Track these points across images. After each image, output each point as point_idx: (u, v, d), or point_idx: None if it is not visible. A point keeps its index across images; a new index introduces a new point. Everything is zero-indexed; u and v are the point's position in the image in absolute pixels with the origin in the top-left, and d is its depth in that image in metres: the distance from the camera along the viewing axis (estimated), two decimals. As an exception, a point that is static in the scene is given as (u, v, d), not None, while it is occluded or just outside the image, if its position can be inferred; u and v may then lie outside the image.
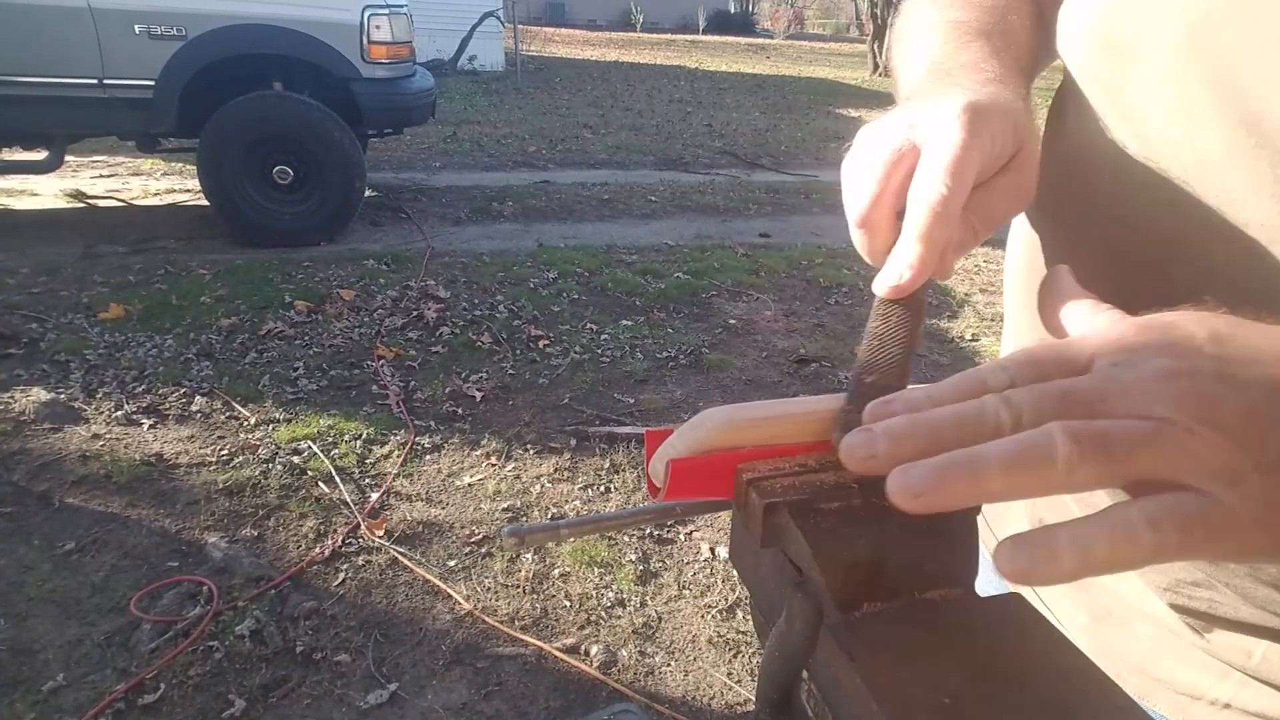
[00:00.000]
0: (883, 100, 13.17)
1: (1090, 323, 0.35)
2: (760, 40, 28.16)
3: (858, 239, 0.42)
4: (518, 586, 2.14)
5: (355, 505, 2.41)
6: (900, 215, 0.40)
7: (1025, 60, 0.53)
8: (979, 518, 0.75)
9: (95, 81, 4.21)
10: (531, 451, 2.77)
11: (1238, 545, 0.27)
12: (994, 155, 0.40)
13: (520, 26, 14.73)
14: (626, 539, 2.34)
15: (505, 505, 2.48)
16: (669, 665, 1.94)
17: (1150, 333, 0.30)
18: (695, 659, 1.96)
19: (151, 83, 4.28)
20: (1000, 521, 0.69)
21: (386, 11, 4.65)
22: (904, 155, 0.40)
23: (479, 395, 3.10)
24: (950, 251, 0.40)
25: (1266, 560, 0.28)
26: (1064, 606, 0.59)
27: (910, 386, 0.34)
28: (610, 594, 2.14)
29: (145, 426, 2.77)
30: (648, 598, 2.14)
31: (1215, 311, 0.31)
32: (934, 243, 0.38)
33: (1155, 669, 0.54)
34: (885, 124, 0.42)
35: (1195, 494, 0.27)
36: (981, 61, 0.48)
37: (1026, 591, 0.62)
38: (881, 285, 0.39)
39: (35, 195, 5.42)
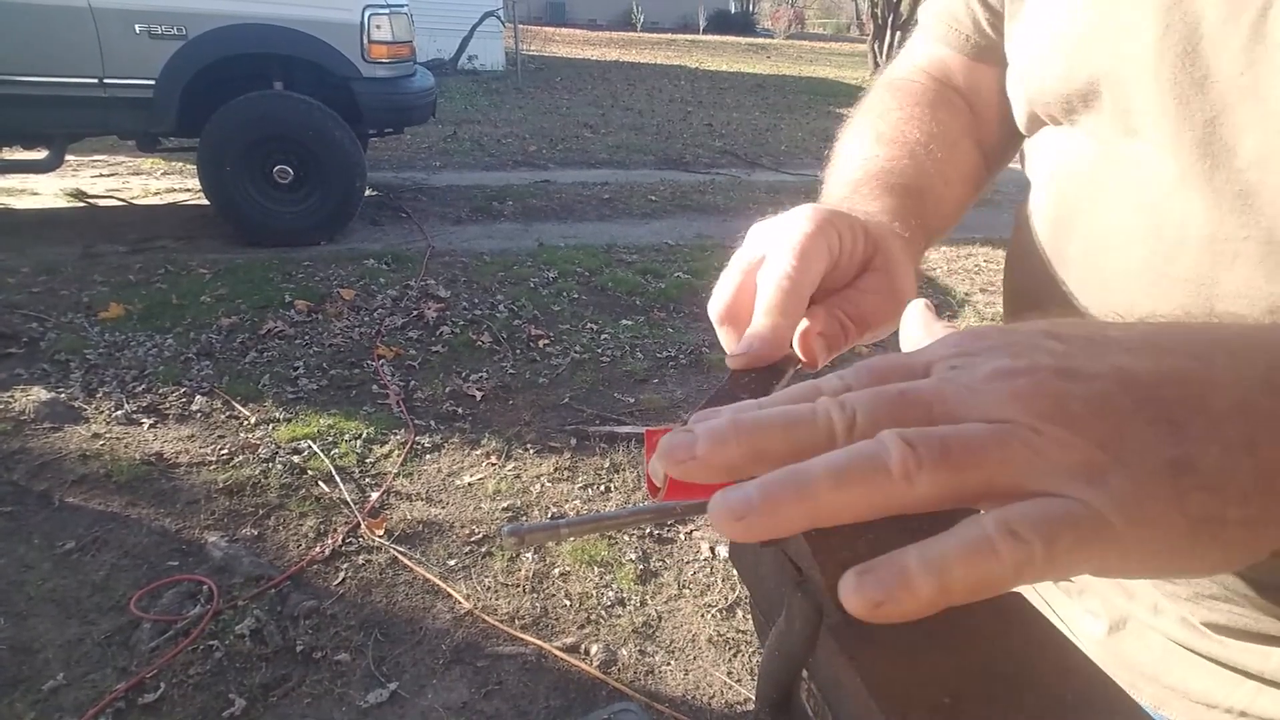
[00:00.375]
0: (883, 100, 13.13)
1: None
2: (760, 40, 28.16)
3: (723, 337, 0.43)
4: (518, 586, 2.15)
5: (355, 505, 2.42)
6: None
7: (928, 207, 0.56)
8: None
9: (96, 81, 4.21)
10: (531, 451, 2.77)
11: (1119, 555, 0.24)
12: (846, 250, 0.42)
13: (520, 26, 14.73)
14: (626, 539, 2.34)
15: (505, 505, 2.48)
16: (669, 664, 1.94)
17: (987, 337, 0.29)
18: (695, 658, 1.96)
19: (152, 82, 4.28)
20: None
21: (387, 11, 4.65)
22: (755, 262, 0.42)
23: (479, 395, 3.10)
24: (815, 341, 0.41)
25: (1157, 571, 0.26)
26: (1080, 618, 0.60)
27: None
28: (610, 593, 2.14)
29: (145, 426, 2.77)
30: (648, 597, 2.14)
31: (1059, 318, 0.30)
32: (783, 314, 0.39)
33: (1168, 678, 0.54)
34: (743, 244, 0.45)
35: (1055, 498, 0.24)
36: (860, 206, 0.52)
37: (1039, 601, 0.62)
38: (732, 360, 0.40)
39: (35, 195, 5.43)
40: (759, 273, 0.41)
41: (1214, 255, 0.42)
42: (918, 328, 0.36)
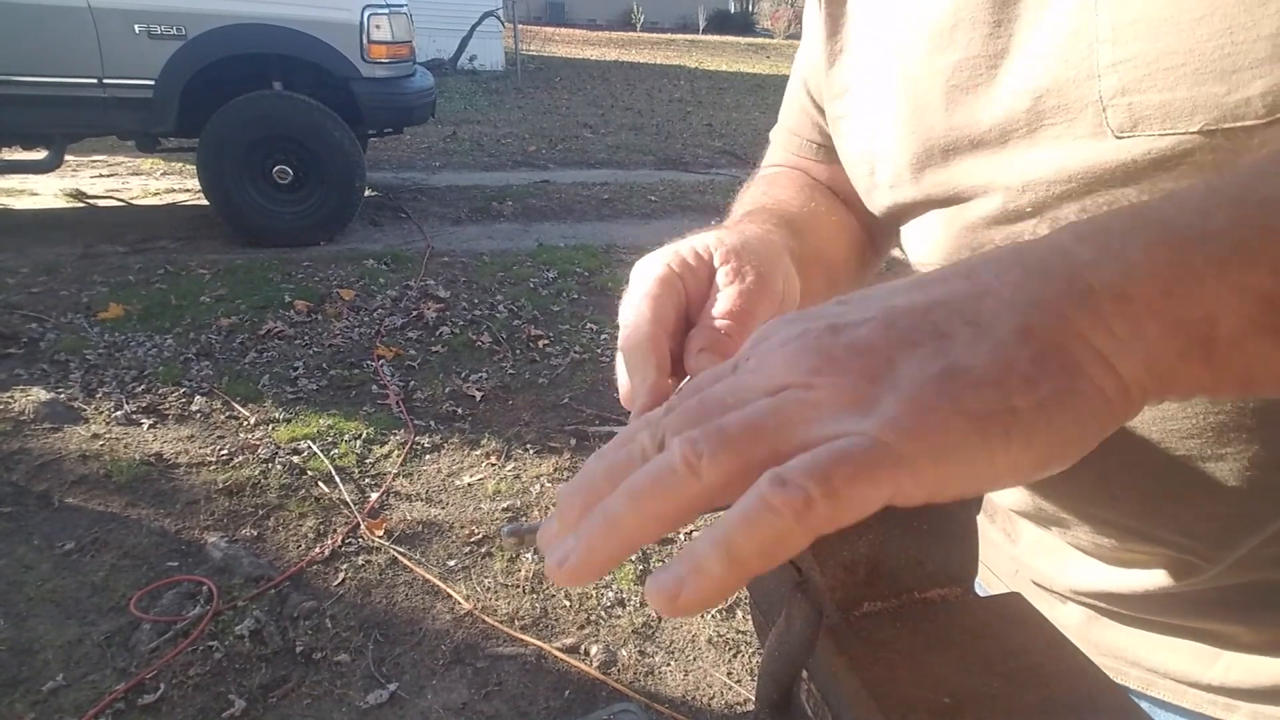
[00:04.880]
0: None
1: None
2: (760, 40, 28.14)
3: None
4: (518, 586, 2.14)
5: (355, 505, 2.41)
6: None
7: (808, 232, 0.58)
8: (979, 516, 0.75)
9: (95, 81, 4.21)
10: (531, 451, 2.77)
11: (910, 474, 0.23)
12: (693, 274, 0.44)
13: (520, 26, 14.72)
14: (626, 539, 2.34)
15: (505, 505, 2.48)
16: (669, 665, 1.94)
17: (783, 318, 0.29)
18: (695, 659, 1.96)
19: (151, 82, 4.28)
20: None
21: (386, 11, 4.65)
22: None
23: (479, 395, 3.10)
24: (701, 358, 0.41)
25: (969, 479, 0.24)
26: (1058, 608, 0.62)
27: None
28: (610, 594, 2.14)
29: (145, 426, 2.77)
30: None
31: None
32: (640, 367, 0.41)
33: (1150, 660, 0.57)
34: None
35: (831, 442, 0.23)
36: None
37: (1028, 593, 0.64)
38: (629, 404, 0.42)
39: (35, 195, 5.42)
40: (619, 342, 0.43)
41: None
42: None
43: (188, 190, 5.73)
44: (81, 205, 5.33)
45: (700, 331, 0.42)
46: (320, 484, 2.52)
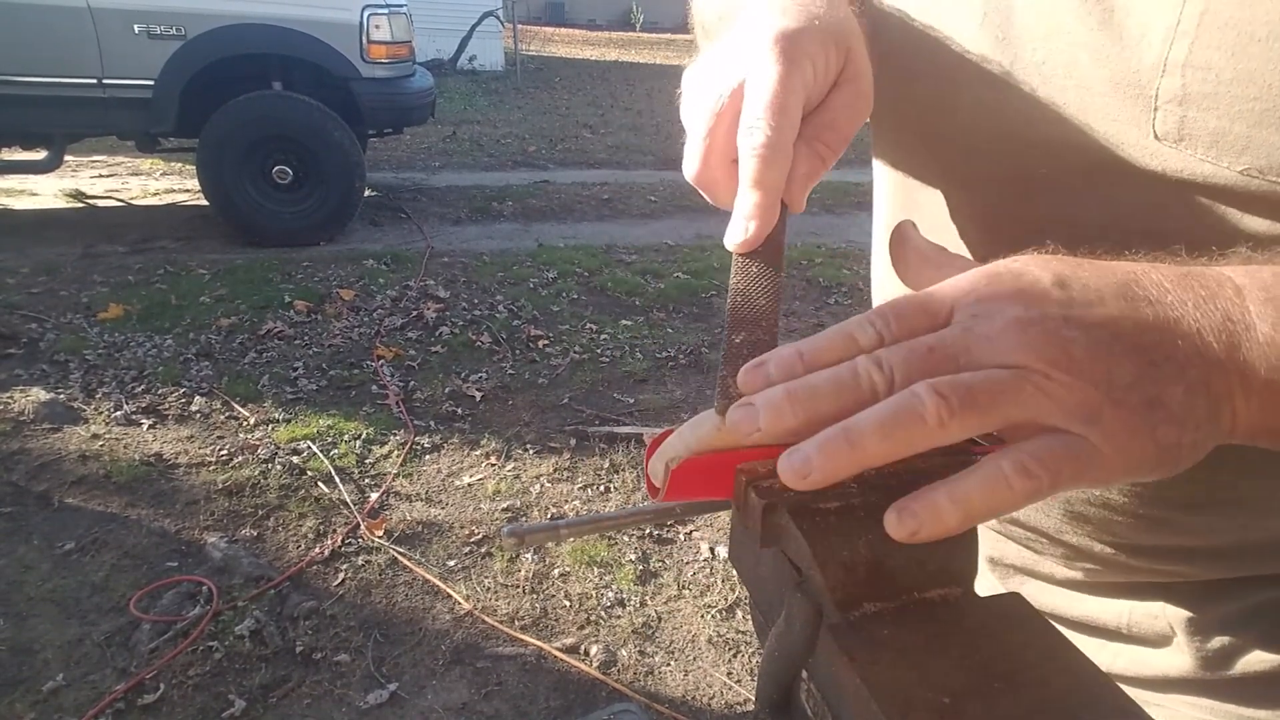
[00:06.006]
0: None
1: (945, 273, 0.36)
2: (760, 40, 28.02)
3: (703, 191, 0.42)
4: (518, 586, 2.14)
5: (355, 505, 2.41)
6: (735, 161, 0.39)
7: None
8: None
9: (95, 81, 4.21)
10: (531, 451, 2.76)
11: (1105, 475, 0.30)
12: (820, 78, 0.39)
13: (520, 26, 14.72)
14: (626, 539, 2.34)
15: (505, 505, 2.47)
16: (669, 665, 1.94)
17: (1001, 282, 0.32)
18: (695, 659, 1.96)
19: (151, 82, 4.28)
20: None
21: (386, 11, 4.65)
22: (726, 104, 0.39)
23: (479, 395, 3.10)
24: (798, 184, 0.39)
25: (1126, 481, 0.32)
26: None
27: (781, 346, 0.34)
28: (610, 594, 2.13)
29: (145, 426, 2.77)
30: (647, 598, 2.14)
31: (1055, 254, 0.34)
32: (769, 186, 0.38)
33: None
34: (706, 68, 0.41)
35: (1061, 435, 0.29)
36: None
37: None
38: (731, 241, 0.39)
39: (35, 195, 5.42)
40: (739, 133, 0.38)
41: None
42: (913, 253, 0.39)
43: (188, 190, 5.73)
44: (81, 205, 5.33)
45: (809, 155, 0.40)
46: (320, 484, 2.52)
